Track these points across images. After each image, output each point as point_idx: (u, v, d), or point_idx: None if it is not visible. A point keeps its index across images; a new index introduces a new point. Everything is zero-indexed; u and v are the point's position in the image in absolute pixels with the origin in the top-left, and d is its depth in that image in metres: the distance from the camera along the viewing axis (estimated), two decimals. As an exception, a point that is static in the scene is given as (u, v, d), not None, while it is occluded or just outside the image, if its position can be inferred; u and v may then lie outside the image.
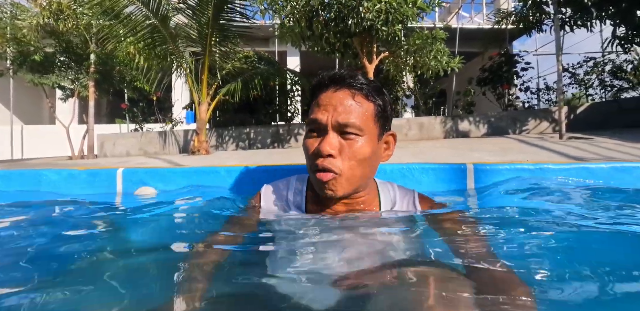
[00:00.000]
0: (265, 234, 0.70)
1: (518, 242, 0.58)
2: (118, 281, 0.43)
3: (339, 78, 0.74)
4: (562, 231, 0.59)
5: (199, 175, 1.10)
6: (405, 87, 7.32)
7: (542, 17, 5.94)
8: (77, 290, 0.40)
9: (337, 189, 0.72)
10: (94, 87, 5.88)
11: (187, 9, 4.29)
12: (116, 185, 1.06)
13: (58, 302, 0.37)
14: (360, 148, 0.71)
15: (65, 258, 0.55)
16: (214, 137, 6.04)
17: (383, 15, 3.77)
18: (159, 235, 0.75)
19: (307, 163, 0.78)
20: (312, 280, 0.45)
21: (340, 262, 0.54)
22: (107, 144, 6.33)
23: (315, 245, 0.61)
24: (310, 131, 0.75)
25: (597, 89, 6.46)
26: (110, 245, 0.64)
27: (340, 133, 0.72)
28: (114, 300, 0.39)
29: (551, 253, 0.52)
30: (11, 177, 1.20)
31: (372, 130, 0.73)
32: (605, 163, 0.85)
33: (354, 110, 0.71)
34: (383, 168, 1.01)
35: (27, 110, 10.79)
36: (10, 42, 5.59)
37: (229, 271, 0.51)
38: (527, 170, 0.93)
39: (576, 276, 0.44)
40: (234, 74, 5.26)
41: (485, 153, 3.31)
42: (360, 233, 0.68)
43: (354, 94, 0.72)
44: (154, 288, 0.43)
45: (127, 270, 0.49)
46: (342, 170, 0.71)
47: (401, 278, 0.48)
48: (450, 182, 0.98)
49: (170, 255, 0.56)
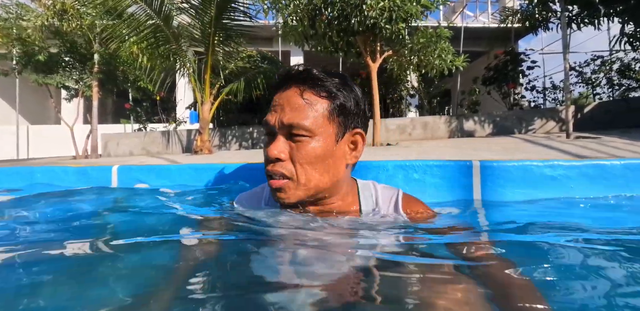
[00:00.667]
0: (244, 235, 0.67)
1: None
2: (95, 278, 0.41)
3: (288, 76, 0.68)
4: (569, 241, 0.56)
5: (196, 172, 1.08)
6: (410, 86, 7.27)
7: (549, 15, 5.86)
8: (68, 287, 0.39)
9: (289, 195, 0.67)
10: (97, 87, 5.90)
11: (190, 9, 4.29)
12: (111, 181, 1.04)
13: (47, 300, 0.36)
14: (310, 151, 0.65)
15: (56, 255, 0.54)
16: (217, 136, 6.04)
17: (387, 13, 3.73)
18: (142, 232, 0.73)
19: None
20: (292, 287, 0.43)
21: (317, 266, 0.51)
22: (111, 144, 6.35)
23: (296, 248, 0.58)
24: (266, 134, 0.71)
25: (605, 88, 6.37)
26: (97, 241, 0.61)
27: (289, 135, 0.66)
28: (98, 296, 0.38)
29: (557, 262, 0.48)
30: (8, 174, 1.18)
31: (327, 130, 0.66)
32: (619, 159, 0.81)
33: (301, 109, 0.65)
34: (385, 165, 0.97)
35: (32, 110, 10.88)
36: (16, 42, 5.63)
37: (212, 270, 0.49)
38: (535, 168, 0.89)
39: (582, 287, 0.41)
40: (237, 73, 5.26)
41: (491, 153, 3.26)
42: (339, 236, 0.64)
43: (303, 91, 0.66)
44: (130, 287, 0.41)
45: (110, 268, 0.47)
46: (295, 174, 0.66)
47: (387, 280, 0.46)
48: (454, 179, 0.95)
49: (153, 252, 0.54)
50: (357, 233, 0.65)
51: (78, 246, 0.60)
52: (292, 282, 0.45)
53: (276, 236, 0.64)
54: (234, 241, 0.63)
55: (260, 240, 0.63)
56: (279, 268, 0.50)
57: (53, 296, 0.37)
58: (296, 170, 0.66)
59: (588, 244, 0.55)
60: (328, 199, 0.71)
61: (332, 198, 0.72)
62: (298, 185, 0.66)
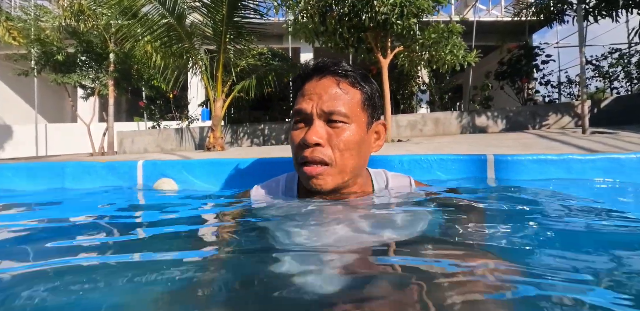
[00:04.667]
0: (262, 222, 0.68)
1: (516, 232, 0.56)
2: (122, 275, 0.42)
3: (323, 67, 0.72)
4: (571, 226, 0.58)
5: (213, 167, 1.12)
6: (421, 82, 7.21)
7: (564, 8, 5.72)
8: (79, 288, 0.39)
9: (328, 181, 0.69)
10: (113, 86, 6.05)
11: (202, 7, 4.34)
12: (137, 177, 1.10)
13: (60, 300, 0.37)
14: (349, 137, 0.68)
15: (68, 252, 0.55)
16: (229, 133, 6.12)
17: (398, 8, 3.71)
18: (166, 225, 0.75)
19: (293, 157, 0.74)
20: (312, 262, 0.45)
21: (340, 242, 0.53)
22: (126, 141, 6.51)
23: (313, 226, 0.60)
24: (296, 122, 0.72)
25: (623, 82, 6.20)
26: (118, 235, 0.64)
27: (327, 121, 0.69)
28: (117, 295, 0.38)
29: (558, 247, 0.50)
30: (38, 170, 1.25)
31: (360, 118, 0.71)
32: (635, 153, 0.81)
33: (340, 98, 0.68)
34: (400, 159, 1.00)
35: (50, 109, 11.18)
36: (35, 42, 5.80)
37: (232, 256, 0.51)
38: (550, 162, 0.90)
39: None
40: (248, 70, 5.31)
41: (505, 149, 3.23)
42: (358, 213, 0.67)
43: (339, 81, 0.70)
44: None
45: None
46: (334, 159, 0.68)
47: (404, 254, 0.48)
48: (469, 173, 0.96)
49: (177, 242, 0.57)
50: (373, 208, 0.69)
51: (98, 240, 0.61)
52: (303, 258, 0.46)
53: (297, 219, 0.65)
54: (255, 227, 0.65)
55: (281, 223, 0.64)
56: (303, 245, 0.52)
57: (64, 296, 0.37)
58: (335, 156, 0.68)
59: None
60: (351, 187, 0.75)
61: (354, 186, 0.76)
62: (336, 170, 0.69)
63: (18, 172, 1.20)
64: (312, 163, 0.69)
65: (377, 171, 0.84)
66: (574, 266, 0.41)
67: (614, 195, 0.84)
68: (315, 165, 0.69)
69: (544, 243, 0.49)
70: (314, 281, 0.39)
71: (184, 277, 0.41)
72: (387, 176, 0.83)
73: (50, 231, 0.68)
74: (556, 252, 0.46)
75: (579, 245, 0.48)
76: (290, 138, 0.73)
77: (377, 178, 0.81)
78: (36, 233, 0.66)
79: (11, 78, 8.55)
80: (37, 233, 0.66)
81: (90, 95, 7.14)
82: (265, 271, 0.43)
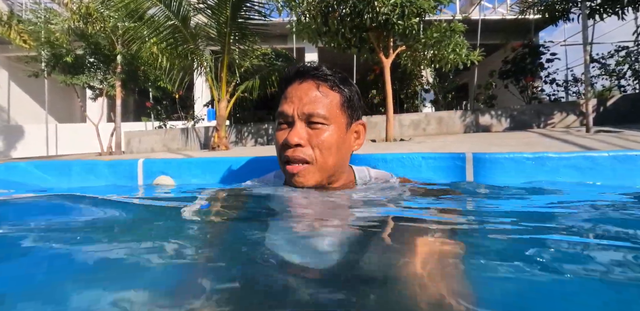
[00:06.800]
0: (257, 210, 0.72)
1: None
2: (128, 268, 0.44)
3: (304, 71, 0.77)
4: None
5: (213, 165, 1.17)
6: (424, 82, 7.20)
7: (570, 6, 5.67)
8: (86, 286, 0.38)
9: (308, 179, 0.74)
10: (120, 87, 6.16)
11: (207, 9, 4.42)
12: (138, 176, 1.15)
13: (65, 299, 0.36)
14: (328, 137, 0.73)
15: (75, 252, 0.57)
16: (233, 133, 6.20)
17: (398, 9, 3.73)
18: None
19: (277, 156, 0.80)
20: (307, 246, 0.47)
21: (328, 234, 0.56)
22: (133, 141, 6.63)
23: (305, 216, 0.63)
24: (279, 124, 0.78)
25: (630, 80, 6.12)
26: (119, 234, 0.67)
27: (307, 123, 0.74)
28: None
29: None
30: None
31: (339, 119, 0.75)
32: (607, 151, 0.84)
33: (319, 101, 0.73)
34: (384, 157, 1.04)
35: (60, 109, 11.40)
36: (45, 45, 5.94)
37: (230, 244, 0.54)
38: (526, 160, 0.93)
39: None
40: (252, 71, 5.38)
41: (508, 149, 3.23)
42: (340, 198, 0.72)
43: (319, 85, 0.75)
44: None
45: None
46: (314, 158, 0.73)
47: (388, 240, 0.51)
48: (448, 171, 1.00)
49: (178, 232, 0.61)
50: (356, 197, 0.74)
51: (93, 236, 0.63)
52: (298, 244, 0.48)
53: (286, 209, 0.70)
54: (247, 218, 0.67)
55: (272, 211, 0.69)
56: (293, 232, 0.55)
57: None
58: (315, 155, 0.73)
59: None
60: (333, 184, 0.81)
61: (336, 183, 0.81)
62: (317, 168, 0.74)
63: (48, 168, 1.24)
64: (294, 162, 0.74)
65: (360, 168, 0.89)
66: (525, 252, 0.44)
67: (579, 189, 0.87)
68: (297, 163, 0.74)
69: (500, 231, 0.52)
70: (302, 258, 0.43)
71: (180, 263, 0.43)
72: (370, 172, 0.88)
73: (50, 230, 0.71)
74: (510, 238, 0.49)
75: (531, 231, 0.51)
76: (275, 138, 0.79)
77: (359, 175, 0.86)
78: (34, 231, 0.68)
79: (22, 79, 8.76)
80: (36, 231, 0.69)
81: (98, 96, 7.28)
82: (260, 252, 0.45)
